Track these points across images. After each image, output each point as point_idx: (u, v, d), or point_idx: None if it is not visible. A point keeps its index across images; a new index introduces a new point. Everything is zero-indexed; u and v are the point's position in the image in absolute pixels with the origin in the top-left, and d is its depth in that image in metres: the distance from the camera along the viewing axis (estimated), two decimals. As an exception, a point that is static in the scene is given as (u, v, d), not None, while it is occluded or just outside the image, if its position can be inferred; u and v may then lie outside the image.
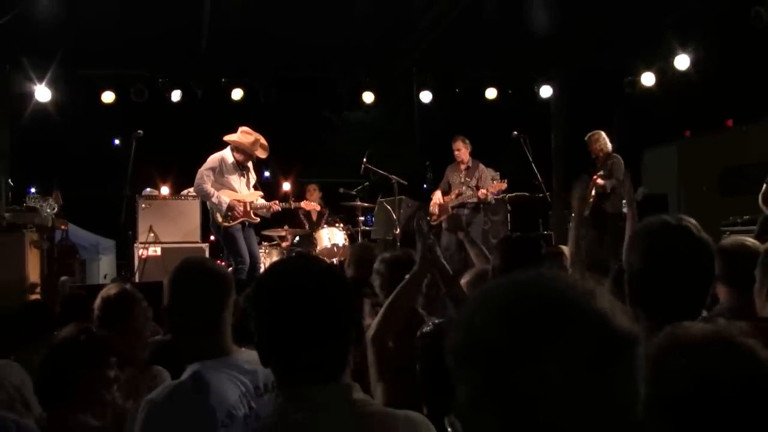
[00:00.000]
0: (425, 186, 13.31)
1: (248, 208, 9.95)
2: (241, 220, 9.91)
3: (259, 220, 10.20)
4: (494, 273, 3.77)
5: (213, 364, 2.87)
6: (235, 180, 10.02)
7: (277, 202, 10.39)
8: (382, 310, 3.70)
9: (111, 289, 4.43)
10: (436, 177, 12.43)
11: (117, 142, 17.02)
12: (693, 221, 2.56)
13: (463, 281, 5.31)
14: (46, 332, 4.49)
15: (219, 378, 2.83)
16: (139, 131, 9.96)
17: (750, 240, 4.24)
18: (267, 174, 19.43)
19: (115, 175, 12.53)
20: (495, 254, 3.78)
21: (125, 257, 12.59)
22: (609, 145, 11.34)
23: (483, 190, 11.04)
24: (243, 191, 10.05)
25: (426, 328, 3.12)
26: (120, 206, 10.02)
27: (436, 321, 3.16)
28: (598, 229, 10.95)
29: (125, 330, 4.12)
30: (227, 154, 10.03)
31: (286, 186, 20.71)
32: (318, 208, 11.78)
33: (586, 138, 11.40)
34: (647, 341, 1.87)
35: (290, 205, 10.74)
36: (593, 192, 11.00)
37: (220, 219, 9.91)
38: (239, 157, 10.00)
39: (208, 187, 9.90)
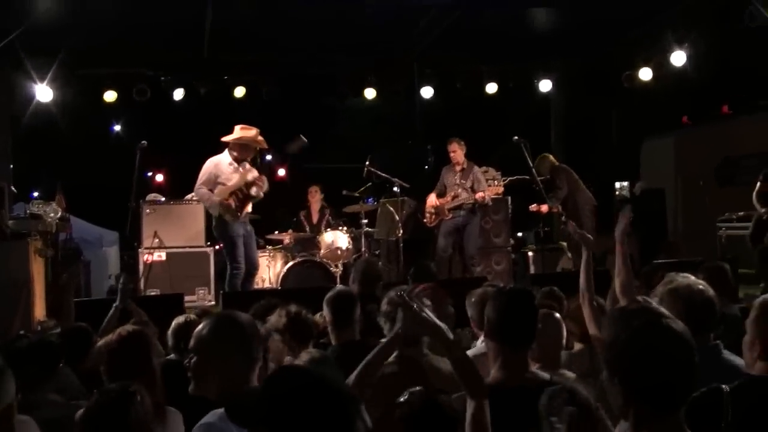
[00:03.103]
0: (426, 168, 13.32)
1: (244, 195, 9.70)
2: (242, 213, 9.70)
3: (249, 210, 9.89)
4: (489, 325, 3.71)
5: None
6: (233, 179, 9.80)
7: (262, 177, 9.98)
8: (354, 381, 3.69)
9: (121, 336, 4.22)
10: (438, 161, 12.40)
11: (116, 128, 16.85)
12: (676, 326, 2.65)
13: (470, 300, 5.26)
14: (53, 370, 4.41)
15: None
16: (143, 142, 9.78)
17: (702, 284, 4.20)
18: (269, 157, 19.35)
19: (117, 162, 12.47)
20: (489, 306, 3.73)
21: (129, 247, 12.57)
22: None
23: (481, 194, 11.00)
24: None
25: (402, 398, 3.14)
26: (125, 214, 9.85)
27: (411, 390, 3.17)
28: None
29: (141, 379, 3.85)
30: (223, 157, 9.85)
31: (282, 172, 20.67)
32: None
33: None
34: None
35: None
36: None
37: (224, 215, 9.66)
38: (240, 154, 9.81)
39: (204, 191, 9.76)
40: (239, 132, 9.86)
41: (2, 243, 8.04)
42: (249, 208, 9.86)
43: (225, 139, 9.89)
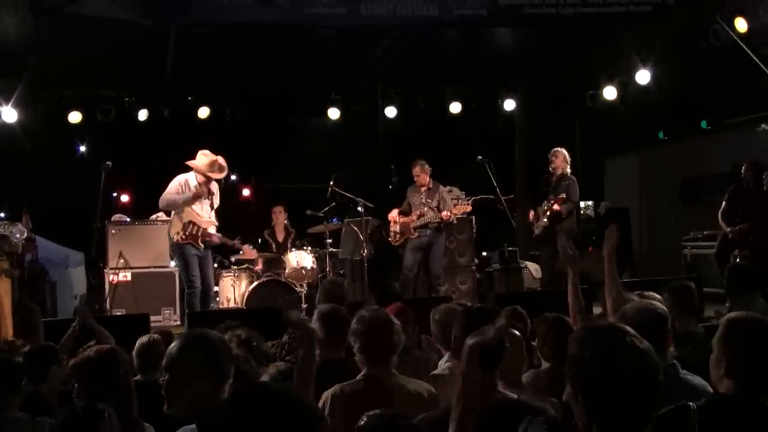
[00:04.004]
0: (390, 187, 13.55)
1: (199, 234, 9.95)
2: (188, 241, 9.93)
3: (203, 247, 10.07)
4: (456, 341, 3.92)
5: None
6: (197, 204, 10.07)
7: (220, 236, 10.30)
8: None
9: (99, 353, 4.29)
10: (402, 181, 12.65)
11: (82, 149, 17.03)
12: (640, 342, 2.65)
13: (434, 317, 5.54)
14: (17, 388, 4.53)
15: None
16: (108, 163, 10.04)
17: (655, 303, 4.43)
18: (234, 177, 19.54)
19: (82, 182, 12.65)
20: (457, 325, 3.97)
21: (95, 267, 12.79)
22: (568, 167, 11.64)
23: (446, 213, 11.18)
24: (204, 215, 10.10)
25: (361, 421, 3.14)
26: (91, 234, 10.09)
27: (369, 414, 3.18)
28: (552, 248, 11.32)
29: (118, 395, 4.02)
30: (191, 176, 10.09)
31: (246, 192, 20.84)
32: (254, 255, 11.80)
33: (550, 152, 11.68)
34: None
35: (234, 245, 10.70)
36: (547, 214, 11.33)
37: (172, 233, 9.98)
38: (201, 179, 10.09)
39: (172, 196, 10.01)
40: (198, 158, 10.09)
41: (-31, 264, 8.21)
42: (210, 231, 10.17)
43: (188, 163, 10.15)
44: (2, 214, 13.17)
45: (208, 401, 3.21)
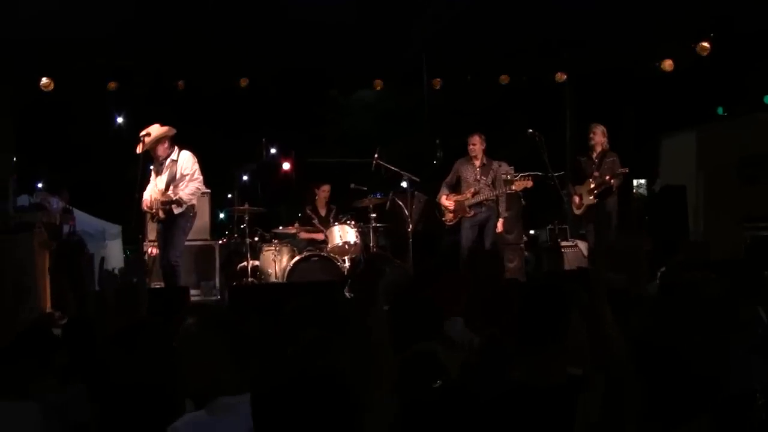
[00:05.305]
0: (434, 162, 13.54)
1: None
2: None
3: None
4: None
5: None
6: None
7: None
8: None
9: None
10: (447, 155, 12.63)
11: (119, 120, 17.19)
12: None
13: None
14: (50, 357, 4.54)
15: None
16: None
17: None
18: (274, 151, 19.57)
19: (120, 156, 12.77)
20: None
21: (134, 241, 12.86)
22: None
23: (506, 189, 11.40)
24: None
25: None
26: (129, 207, 10.16)
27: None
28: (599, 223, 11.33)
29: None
30: None
31: (286, 166, 20.92)
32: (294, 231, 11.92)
33: (590, 127, 11.67)
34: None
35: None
36: (594, 192, 11.30)
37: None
38: None
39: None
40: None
41: (7, 235, 8.37)
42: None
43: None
44: (40, 186, 13.33)
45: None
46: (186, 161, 10.01)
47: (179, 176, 9.91)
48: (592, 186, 11.34)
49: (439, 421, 3.10)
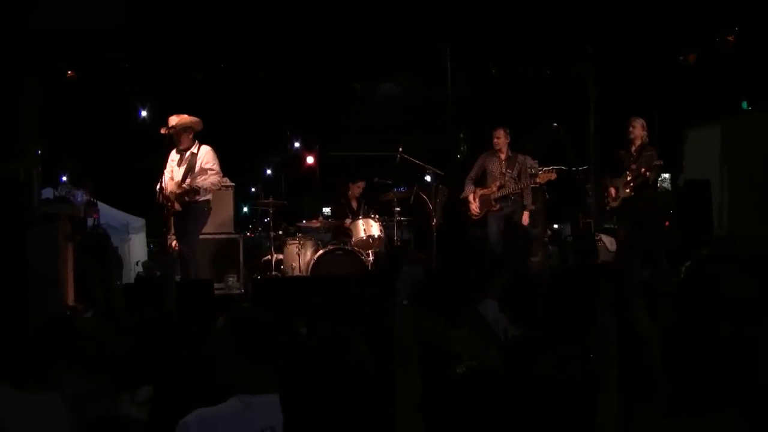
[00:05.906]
0: (458, 156, 13.54)
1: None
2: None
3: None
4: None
5: None
6: None
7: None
8: None
9: None
10: (471, 149, 12.62)
11: (143, 113, 17.26)
12: None
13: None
14: (69, 348, 4.57)
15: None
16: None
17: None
18: (297, 144, 19.61)
19: (144, 149, 12.82)
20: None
21: (157, 234, 12.93)
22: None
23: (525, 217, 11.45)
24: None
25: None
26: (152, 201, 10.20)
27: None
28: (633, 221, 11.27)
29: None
30: None
31: (310, 159, 20.98)
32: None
33: (628, 122, 11.60)
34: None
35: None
36: (631, 185, 11.25)
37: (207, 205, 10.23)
38: None
39: None
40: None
41: (32, 227, 8.40)
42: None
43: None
44: (65, 178, 13.38)
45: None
46: (206, 155, 10.11)
47: (198, 169, 10.02)
48: (629, 179, 11.31)
49: (466, 404, 3.10)
